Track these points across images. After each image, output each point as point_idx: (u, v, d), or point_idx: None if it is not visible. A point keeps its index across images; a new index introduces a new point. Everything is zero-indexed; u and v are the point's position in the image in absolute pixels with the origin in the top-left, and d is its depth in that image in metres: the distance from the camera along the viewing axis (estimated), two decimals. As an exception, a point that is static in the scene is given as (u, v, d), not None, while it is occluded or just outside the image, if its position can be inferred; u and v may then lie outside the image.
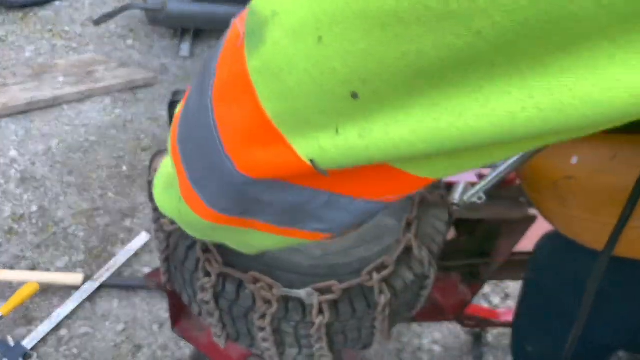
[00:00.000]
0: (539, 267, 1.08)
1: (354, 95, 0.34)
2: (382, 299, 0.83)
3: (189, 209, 0.55)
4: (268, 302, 0.84)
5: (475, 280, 1.39)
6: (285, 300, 0.84)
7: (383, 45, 0.31)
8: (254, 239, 0.56)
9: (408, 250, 0.89)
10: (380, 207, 0.48)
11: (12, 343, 1.65)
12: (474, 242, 1.31)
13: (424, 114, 0.33)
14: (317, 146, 0.38)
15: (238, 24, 0.40)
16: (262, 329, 0.85)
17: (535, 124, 0.30)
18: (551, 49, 0.27)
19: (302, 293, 0.83)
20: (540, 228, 1.07)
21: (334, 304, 0.84)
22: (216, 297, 0.86)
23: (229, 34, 0.42)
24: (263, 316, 0.84)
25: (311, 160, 0.39)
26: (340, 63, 0.33)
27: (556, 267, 1.03)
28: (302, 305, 0.84)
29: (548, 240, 1.07)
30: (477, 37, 0.28)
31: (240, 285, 0.85)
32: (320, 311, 0.83)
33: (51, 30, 2.64)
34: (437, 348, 1.78)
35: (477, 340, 1.78)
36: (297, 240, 0.54)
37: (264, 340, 0.86)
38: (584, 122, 0.29)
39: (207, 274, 0.85)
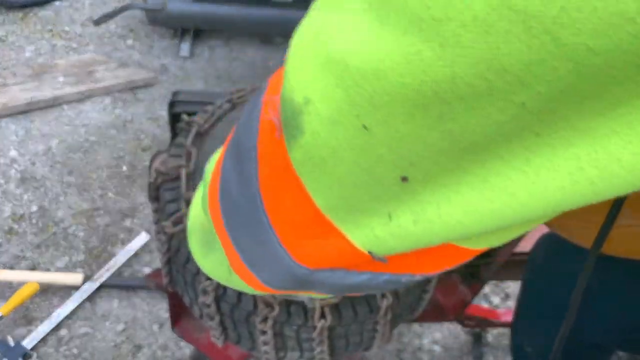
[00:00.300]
0: (536, 268, 1.09)
1: (404, 179, 0.33)
2: (384, 303, 0.83)
3: (242, 282, 0.53)
4: (270, 305, 0.83)
5: (475, 281, 1.39)
6: (287, 303, 0.84)
7: (427, 126, 0.30)
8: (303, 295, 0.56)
9: None
10: (436, 275, 0.48)
11: (12, 343, 1.65)
12: (474, 243, 1.30)
13: (475, 193, 0.32)
14: (373, 236, 0.37)
15: (271, 114, 0.39)
16: (263, 333, 0.85)
17: (587, 197, 0.30)
18: (593, 114, 0.27)
19: (304, 296, 0.83)
20: (540, 228, 1.07)
21: (335, 308, 0.84)
22: (217, 300, 0.86)
23: (260, 120, 0.40)
24: (265, 319, 0.84)
25: (369, 252, 0.39)
26: (386, 149, 0.32)
27: (553, 267, 1.03)
28: (304, 308, 0.84)
29: (545, 240, 1.07)
30: (521, 109, 0.27)
31: None
32: (322, 315, 0.83)
33: (51, 30, 2.64)
34: (437, 348, 1.78)
35: (477, 340, 1.78)
36: None
37: (265, 343, 0.87)
38: (631, 190, 0.29)
39: (209, 277, 0.85)
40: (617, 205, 0.53)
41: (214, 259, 0.56)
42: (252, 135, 0.41)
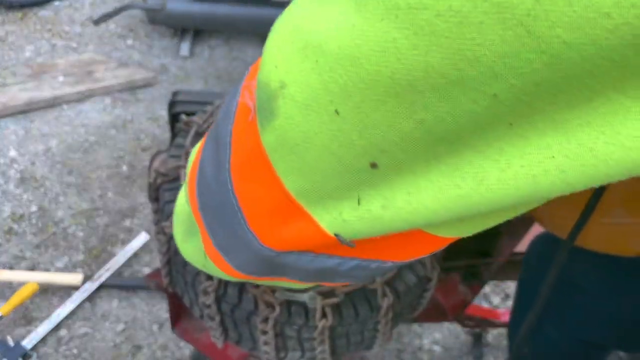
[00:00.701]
0: (531, 268, 1.09)
1: (374, 166, 0.33)
2: (385, 302, 0.83)
3: (216, 267, 0.54)
4: (271, 305, 0.83)
5: (475, 281, 1.38)
6: (288, 304, 0.84)
7: (399, 115, 0.30)
8: (280, 284, 0.55)
9: None
10: (409, 263, 0.47)
11: (11, 343, 1.65)
12: (474, 242, 1.30)
13: (445, 180, 0.32)
14: (340, 219, 0.38)
15: (247, 97, 0.39)
16: (264, 333, 0.85)
17: (558, 186, 0.29)
18: (567, 106, 0.27)
19: (304, 297, 0.83)
20: (541, 228, 1.07)
21: (336, 308, 0.84)
22: (218, 300, 0.86)
23: (238, 104, 0.41)
24: (265, 320, 0.84)
25: (336, 234, 0.39)
26: (357, 135, 0.32)
27: (546, 268, 1.03)
28: (305, 308, 0.84)
29: (539, 240, 1.07)
30: (493, 100, 0.27)
31: (242, 288, 0.85)
32: (323, 315, 0.83)
33: (51, 30, 2.63)
34: (437, 348, 1.78)
35: (477, 340, 1.78)
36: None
37: (266, 343, 0.86)
38: (606, 180, 0.28)
39: (209, 277, 0.85)
40: (595, 197, 0.54)
41: (193, 245, 0.57)
42: (229, 121, 0.42)
